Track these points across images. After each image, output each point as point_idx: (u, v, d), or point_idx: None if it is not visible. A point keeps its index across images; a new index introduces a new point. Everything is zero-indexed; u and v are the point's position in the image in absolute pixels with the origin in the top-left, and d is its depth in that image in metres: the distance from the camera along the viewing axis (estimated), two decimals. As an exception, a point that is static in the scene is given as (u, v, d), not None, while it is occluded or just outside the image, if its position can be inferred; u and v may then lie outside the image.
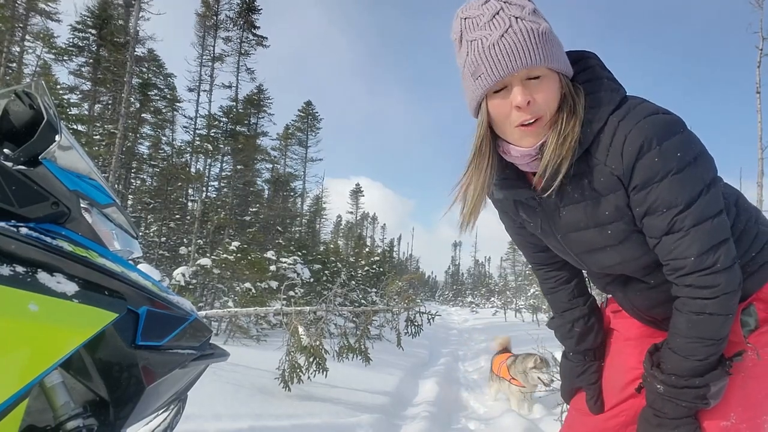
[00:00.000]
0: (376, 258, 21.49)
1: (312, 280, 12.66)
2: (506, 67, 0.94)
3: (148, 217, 19.34)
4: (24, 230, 0.84)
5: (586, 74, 1.05)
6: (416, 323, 7.05)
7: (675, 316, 1.05)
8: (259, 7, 21.30)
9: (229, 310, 7.13)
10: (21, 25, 15.75)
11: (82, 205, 1.00)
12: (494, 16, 0.96)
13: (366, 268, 17.78)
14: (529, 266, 1.48)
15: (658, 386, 1.06)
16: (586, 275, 1.42)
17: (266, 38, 21.65)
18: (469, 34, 0.99)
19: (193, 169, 20.26)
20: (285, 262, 11.26)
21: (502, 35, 0.94)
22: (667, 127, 0.98)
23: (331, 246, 25.08)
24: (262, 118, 23.74)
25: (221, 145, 19.57)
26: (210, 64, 20.47)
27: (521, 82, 0.97)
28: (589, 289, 1.44)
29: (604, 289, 1.32)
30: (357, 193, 50.33)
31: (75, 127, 12.16)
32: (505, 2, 0.98)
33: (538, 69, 0.96)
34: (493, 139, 1.09)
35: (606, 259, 1.14)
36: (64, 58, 17.17)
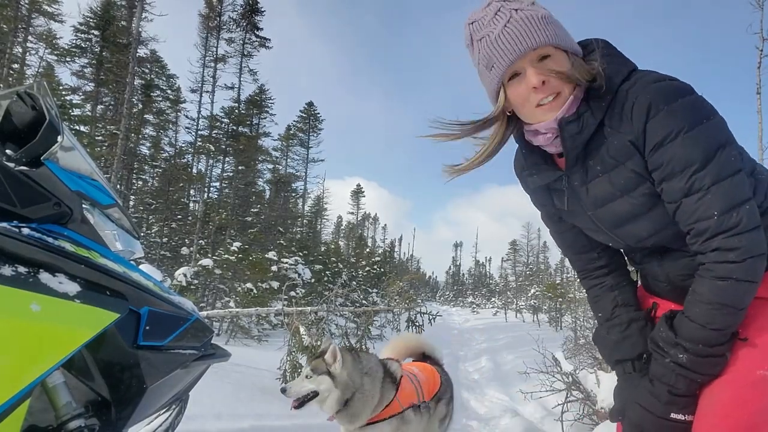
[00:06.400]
0: (377, 258, 21.50)
1: (313, 280, 12.67)
2: (514, 51, 1.04)
3: (150, 217, 19.35)
4: (26, 231, 0.84)
5: (593, 56, 1.11)
6: (417, 323, 7.06)
7: (696, 284, 1.03)
8: (262, 9, 21.30)
9: (230, 310, 7.13)
10: (24, 26, 15.77)
11: (84, 206, 1.00)
12: (496, 14, 1.06)
13: (367, 268, 17.80)
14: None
15: (681, 356, 1.01)
16: (623, 252, 1.36)
17: (269, 39, 21.65)
18: (478, 34, 1.10)
19: (194, 170, 20.29)
20: (286, 263, 11.27)
21: (505, 25, 1.04)
22: (674, 91, 1.02)
23: (332, 246, 25.04)
24: (264, 118, 23.74)
25: (223, 146, 19.59)
26: (213, 65, 20.46)
27: (532, 64, 1.05)
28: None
29: (641, 262, 1.29)
30: (358, 193, 50.28)
31: (77, 127, 12.18)
32: (504, 1, 1.07)
33: (545, 49, 1.04)
34: (511, 126, 1.19)
35: (639, 229, 1.15)
36: (67, 59, 17.17)
